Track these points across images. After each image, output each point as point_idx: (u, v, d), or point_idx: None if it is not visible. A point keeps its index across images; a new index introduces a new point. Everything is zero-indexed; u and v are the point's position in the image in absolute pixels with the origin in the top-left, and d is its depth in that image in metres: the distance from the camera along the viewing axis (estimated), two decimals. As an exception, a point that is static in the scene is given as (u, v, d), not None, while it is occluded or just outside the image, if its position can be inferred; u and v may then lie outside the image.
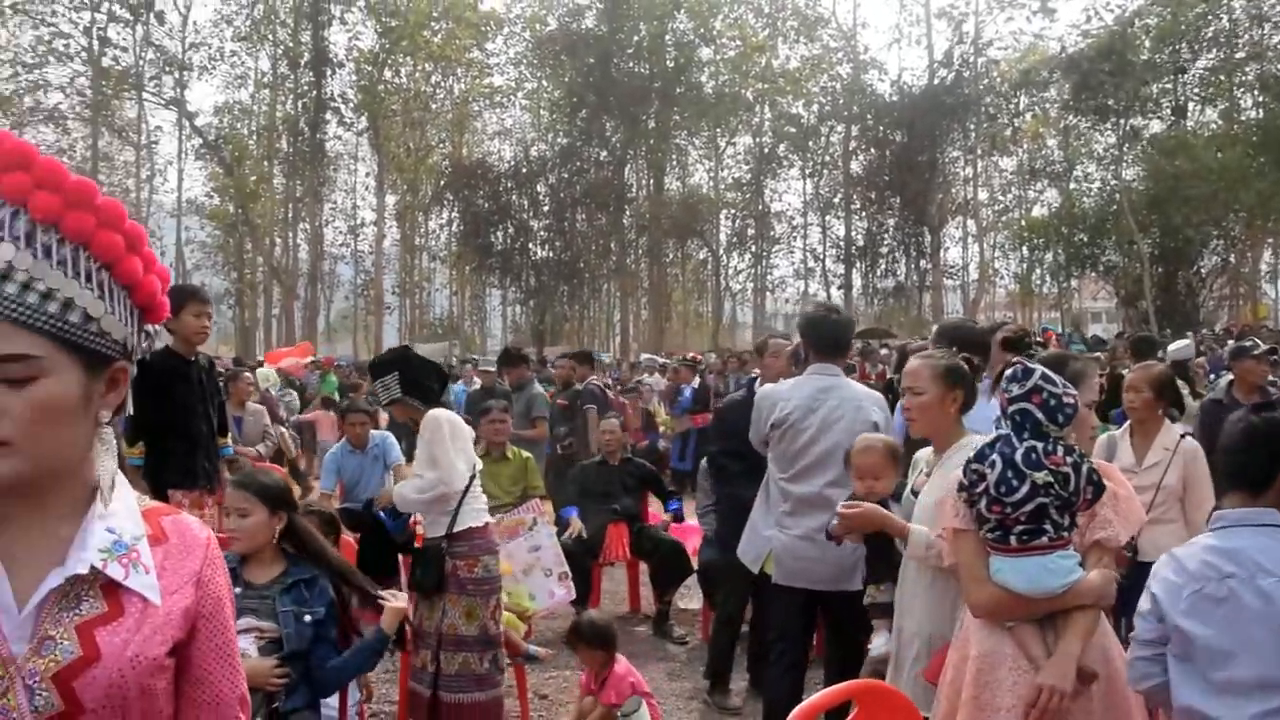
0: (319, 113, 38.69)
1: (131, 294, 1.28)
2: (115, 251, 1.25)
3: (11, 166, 1.20)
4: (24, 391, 1.19)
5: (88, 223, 1.22)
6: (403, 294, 45.12)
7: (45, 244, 1.20)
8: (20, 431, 1.19)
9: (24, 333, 1.18)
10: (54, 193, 1.21)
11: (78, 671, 1.20)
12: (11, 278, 1.18)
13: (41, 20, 36.97)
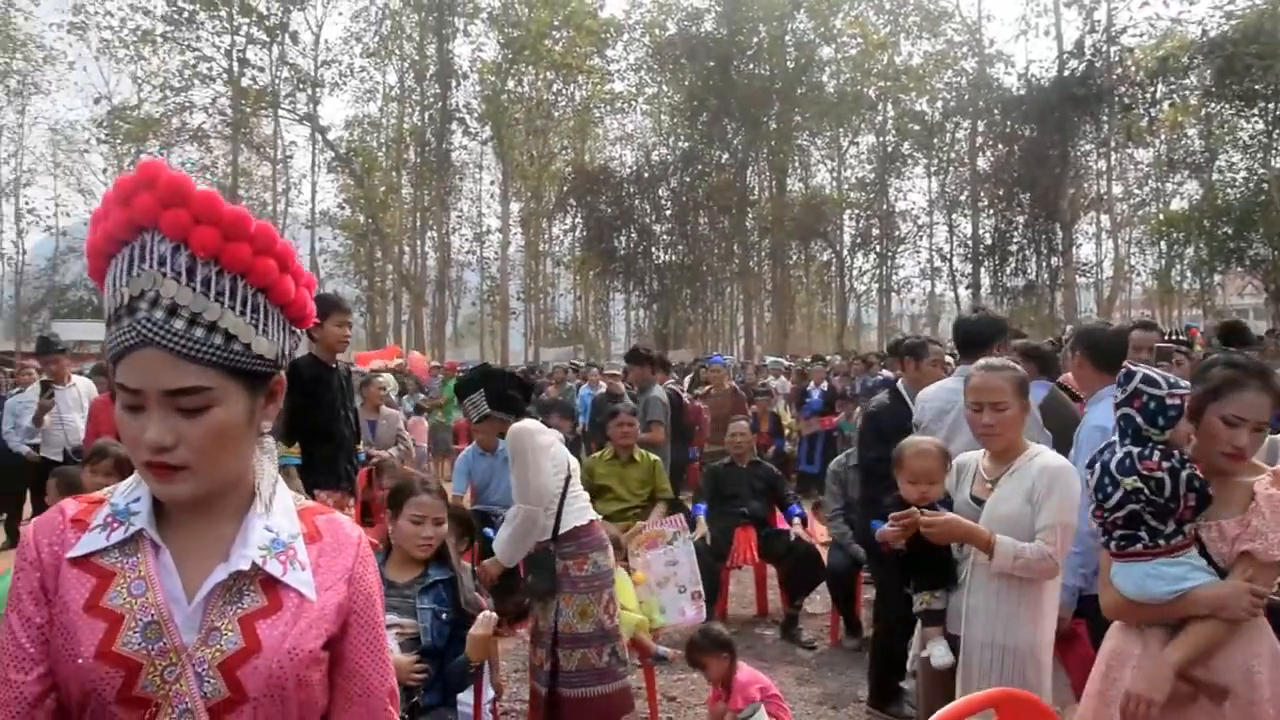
0: (445, 123, 39.57)
1: (285, 309, 1.34)
2: (270, 276, 1.30)
3: (171, 203, 1.25)
4: (199, 420, 1.26)
5: (244, 252, 1.27)
6: (527, 299, 45.79)
7: (205, 277, 1.26)
8: (197, 456, 1.27)
9: (194, 365, 1.25)
10: (212, 226, 1.25)
11: (241, 661, 1.27)
12: (178, 314, 1.24)
13: (187, 46, 38.86)
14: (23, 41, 39.50)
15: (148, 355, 1.24)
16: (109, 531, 1.32)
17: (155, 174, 1.26)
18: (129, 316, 1.25)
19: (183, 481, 1.28)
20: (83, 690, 1.26)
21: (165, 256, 1.25)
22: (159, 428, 1.25)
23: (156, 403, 1.25)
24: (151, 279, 1.25)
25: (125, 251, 1.27)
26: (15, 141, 41.68)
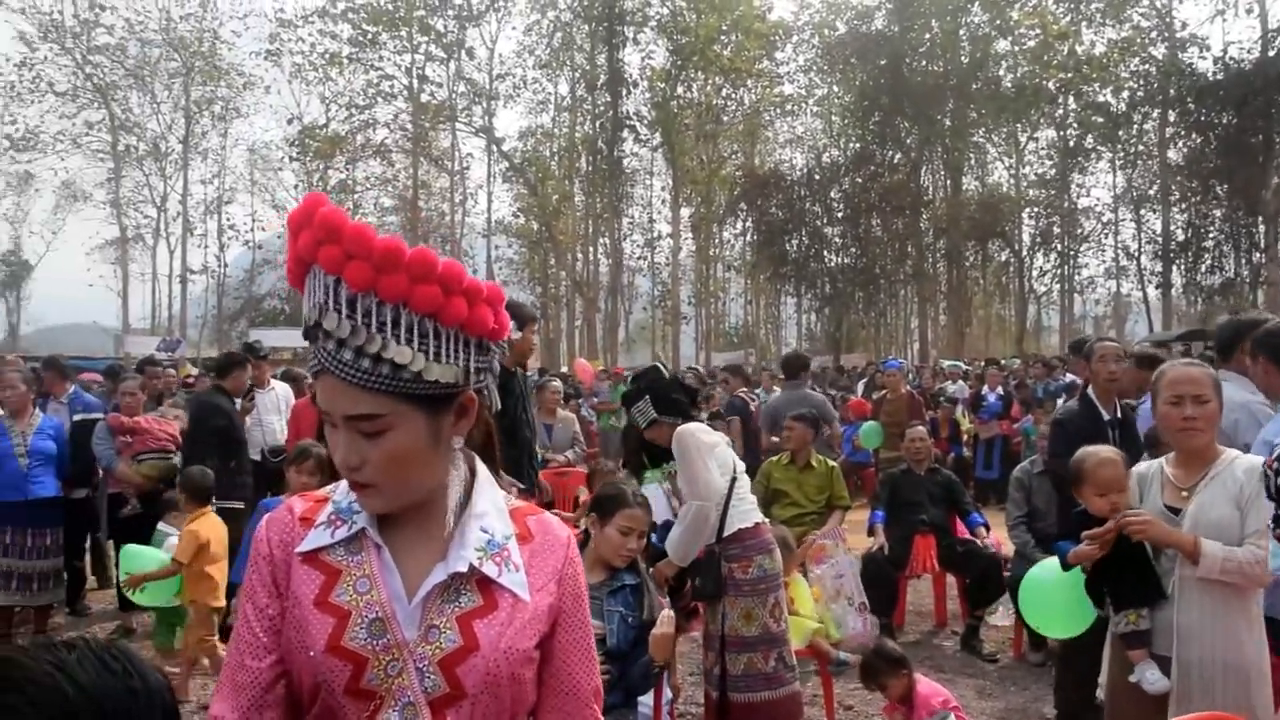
0: (616, 131, 40.12)
1: (464, 329, 1.36)
2: (434, 302, 1.31)
3: (325, 240, 1.29)
4: (378, 443, 1.33)
5: (400, 283, 1.29)
6: (698, 304, 45.93)
7: (366, 309, 1.29)
8: (381, 477, 1.34)
9: (366, 394, 1.30)
10: (364, 260, 1.28)
11: (460, 659, 1.33)
12: (346, 345, 1.30)
13: (371, 66, 40.78)
14: (226, 70, 42.12)
15: (328, 382, 1.32)
16: (333, 529, 1.40)
17: (313, 210, 1.31)
18: (313, 344, 1.34)
19: (373, 497, 1.36)
20: (314, 681, 1.34)
21: (330, 289, 1.30)
22: (345, 449, 1.33)
23: (342, 425, 1.33)
24: (319, 312, 1.31)
25: (308, 280, 1.35)
26: (218, 162, 44.47)
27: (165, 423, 7.58)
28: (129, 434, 7.28)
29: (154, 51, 41.66)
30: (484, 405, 1.46)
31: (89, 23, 40.35)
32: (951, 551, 6.74)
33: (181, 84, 42.01)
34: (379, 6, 40.37)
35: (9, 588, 6.48)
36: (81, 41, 40.40)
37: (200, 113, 42.74)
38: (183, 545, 5.51)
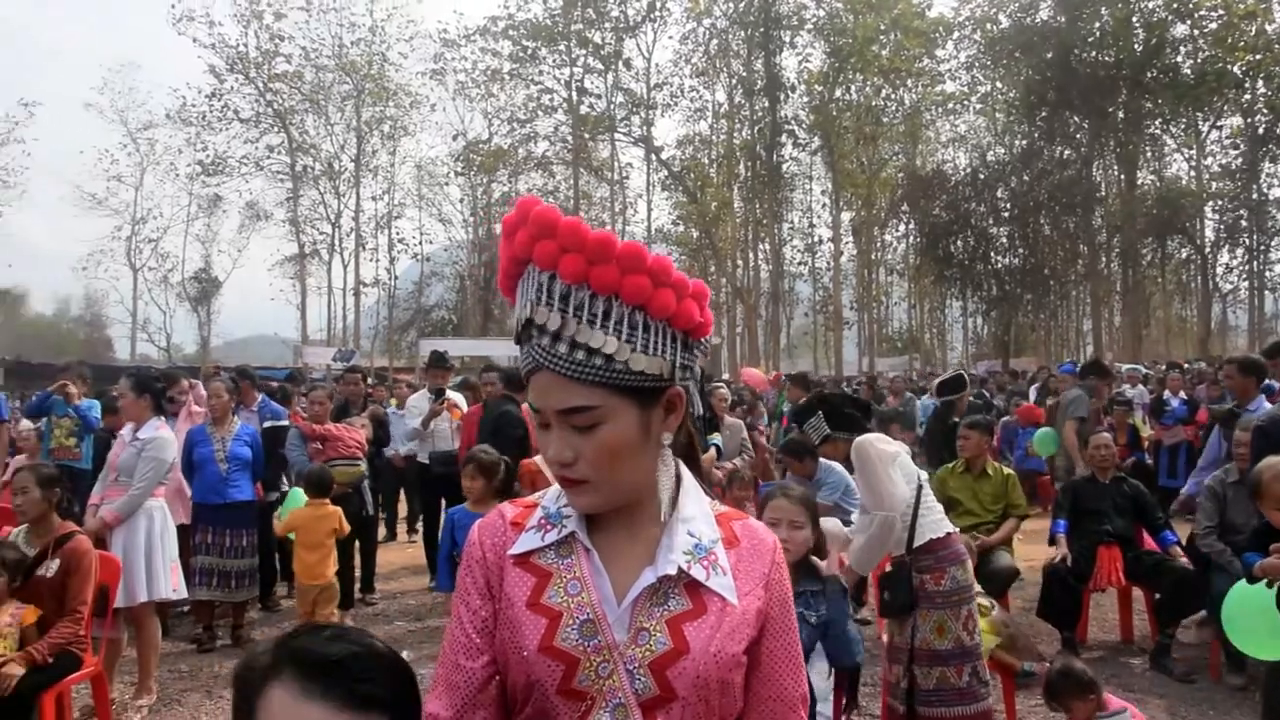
0: (774, 136, 39.96)
1: (671, 323, 1.37)
2: (643, 293, 1.33)
3: (541, 235, 1.33)
4: (591, 437, 1.34)
5: (611, 274, 1.32)
6: (861, 309, 45.28)
7: (578, 302, 1.32)
8: (594, 471, 1.35)
9: (581, 386, 1.32)
10: (578, 253, 1.31)
11: (670, 661, 1.33)
12: (561, 339, 1.32)
13: (531, 81, 41.78)
14: (394, 91, 43.85)
15: (542, 378, 1.34)
16: (544, 533, 1.43)
17: (527, 210, 1.35)
18: (526, 343, 1.36)
19: (585, 494, 1.37)
20: (527, 680, 1.36)
21: (543, 285, 1.34)
22: (558, 445, 1.35)
23: (555, 421, 1.35)
24: (530, 308, 1.34)
25: (521, 281, 1.38)
26: (388, 179, 46.28)
27: (354, 430, 7.91)
28: (320, 441, 7.63)
29: (328, 76, 43.82)
30: (688, 407, 1.46)
31: (269, 53, 42.77)
32: (1139, 563, 6.42)
33: (353, 106, 43.96)
34: (538, 22, 41.32)
35: (210, 584, 6.86)
36: (263, 71, 42.83)
37: (370, 132, 44.66)
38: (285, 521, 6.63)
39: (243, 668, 1.15)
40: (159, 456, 5.94)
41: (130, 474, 5.88)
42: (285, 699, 1.08)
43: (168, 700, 5.88)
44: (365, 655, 1.13)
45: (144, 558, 5.75)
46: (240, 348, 56.45)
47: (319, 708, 1.08)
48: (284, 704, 1.08)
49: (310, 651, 1.11)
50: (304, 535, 6.70)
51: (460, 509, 5.39)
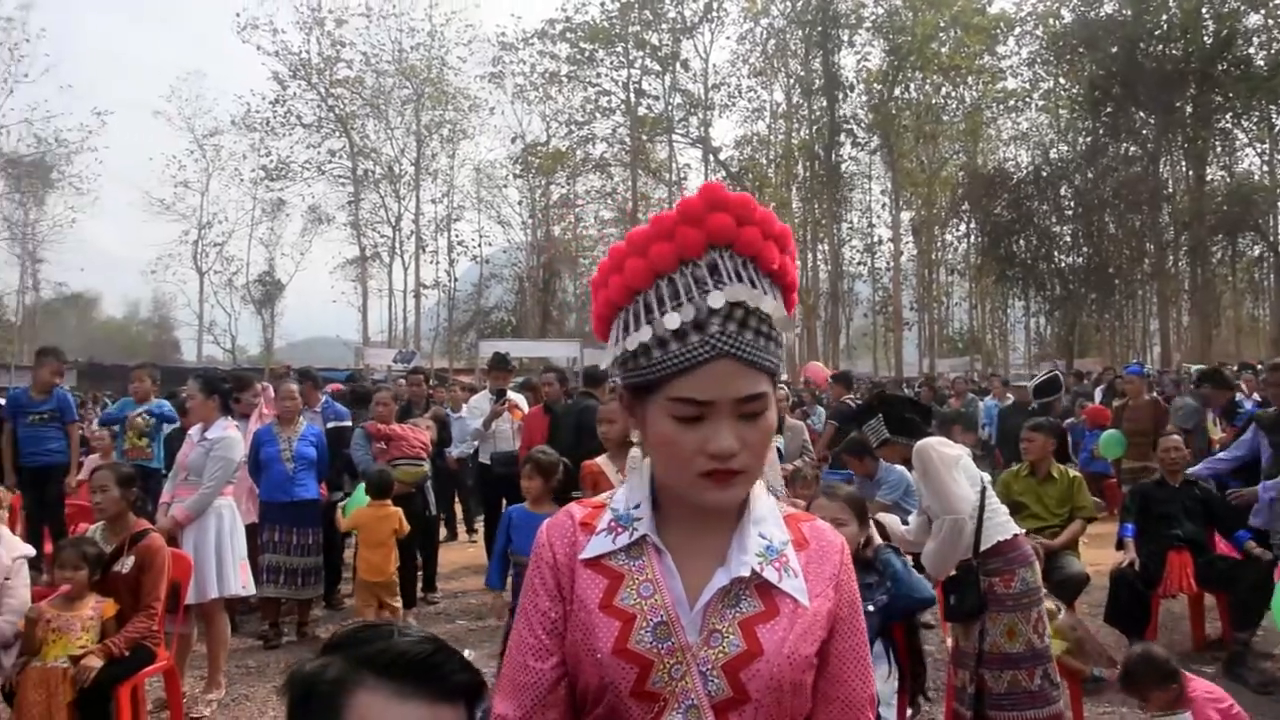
0: (833, 136, 39.75)
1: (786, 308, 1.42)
2: (791, 275, 1.40)
3: (745, 220, 1.35)
4: (756, 425, 1.34)
5: (791, 266, 1.38)
6: (921, 309, 44.82)
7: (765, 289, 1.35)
8: (753, 460, 1.35)
9: (758, 373, 1.33)
10: (773, 241, 1.36)
11: (743, 664, 1.33)
12: (748, 325, 1.32)
13: (589, 83, 41.95)
14: (453, 95, 44.27)
15: (721, 367, 1.30)
16: (614, 535, 1.43)
17: (724, 195, 1.36)
18: (699, 333, 1.31)
19: (739, 485, 1.35)
20: (600, 682, 1.36)
21: (738, 271, 1.34)
22: (730, 435, 1.31)
23: (726, 412, 1.32)
24: (735, 292, 1.32)
25: (686, 270, 1.35)
26: (447, 182, 46.72)
27: (419, 431, 8.00)
28: (386, 441, 7.73)
29: (388, 81, 44.38)
30: None
31: (331, 59, 43.44)
32: (1211, 569, 6.27)
33: (413, 110, 44.45)
34: (595, 25, 41.47)
35: (277, 581, 6.99)
36: (325, 77, 43.53)
37: (430, 136, 45.12)
38: (350, 518, 6.88)
39: (307, 683, 1.12)
40: (227, 456, 6.05)
41: (199, 473, 6.00)
42: (378, 704, 1.08)
43: (236, 695, 5.99)
44: (443, 648, 1.14)
45: (214, 555, 5.87)
46: (303, 349, 57.29)
47: (416, 706, 1.09)
48: (379, 709, 1.08)
49: (394, 653, 1.11)
50: (366, 534, 6.83)
51: (518, 508, 5.42)
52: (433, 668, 1.11)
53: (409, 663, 1.10)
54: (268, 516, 7.04)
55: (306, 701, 1.12)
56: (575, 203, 46.34)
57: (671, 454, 1.35)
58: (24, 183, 44.73)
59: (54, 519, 8.02)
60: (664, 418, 1.34)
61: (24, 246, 45.99)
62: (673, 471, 1.37)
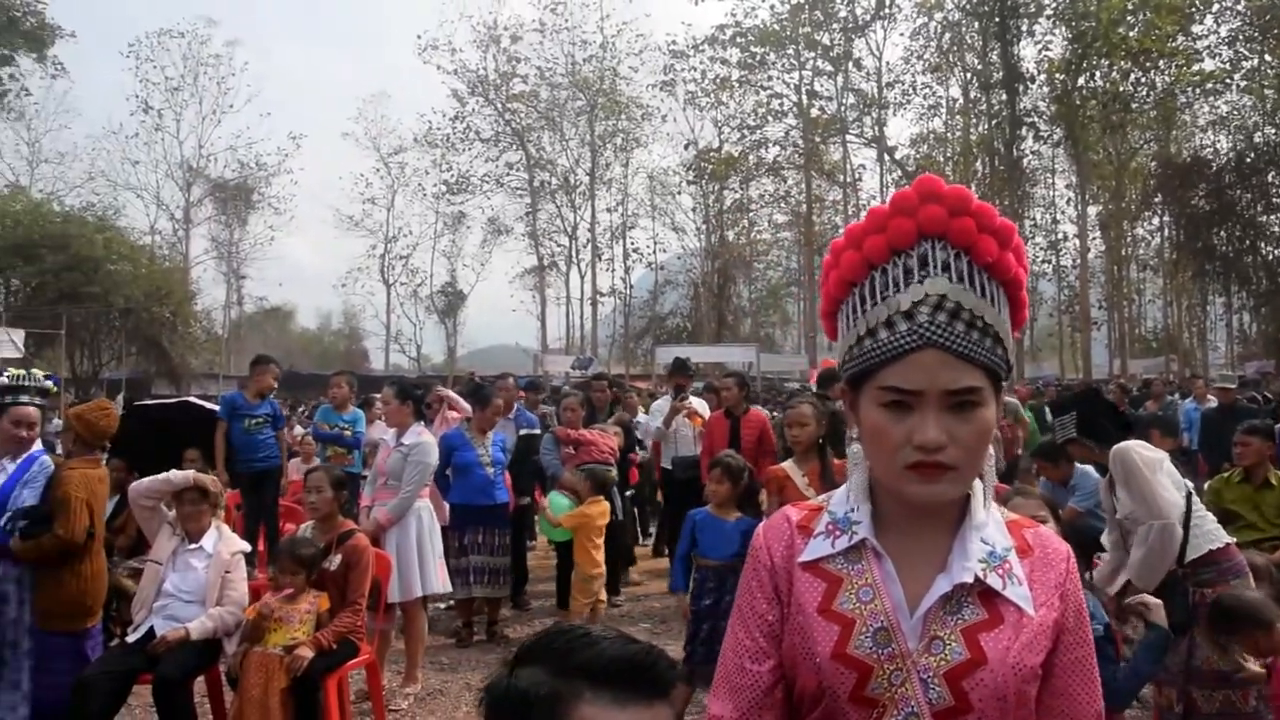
0: (1014, 130, 38.35)
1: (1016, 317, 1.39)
2: (1014, 272, 1.38)
3: (959, 212, 1.34)
4: (968, 420, 1.32)
5: (1010, 261, 1.35)
6: (1110, 308, 42.78)
7: (981, 283, 1.34)
8: (964, 456, 1.32)
9: (970, 366, 1.31)
10: (991, 235, 1.35)
11: (966, 672, 1.30)
12: (959, 316, 1.32)
13: (760, 86, 41.78)
14: (625, 104, 44.89)
15: (928, 357, 1.30)
16: (832, 539, 1.42)
17: (938, 187, 1.36)
18: (907, 321, 1.32)
19: (948, 482, 1.32)
20: (817, 686, 1.36)
21: (948, 263, 1.34)
22: (936, 427, 1.30)
23: (934, 403, 1.31)
24: (936, 284, 1.33)
25: (899, 261, 1.36)
26: (621, 191, 47.38)
27: (607, 436, 8.14)
28: (574, 445, 7.89)
29: (562, 94, 45.34)
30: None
31: (507, 75, 44.74)
32: None
33: (586, 121, 45.25)
34: (766, 28, 41.28)
35: (482, 581, 7.21)
36: (501, 92, 44.87)
37: (604, 146, 45.81)
38: (573, 516, 6.99)
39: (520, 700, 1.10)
40: (424, 460, 6.30)
41: (397, 477, 6.26)
42: (601, 714, 1.09)
43: (430, 690, 6.22)
44: (648, 646, 1.14)
45: (416, 555, 6.11)
46: (483, 357, 58.96)
47: (636, 710, 1.09)
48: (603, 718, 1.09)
49: (605, 659, 1.11)
50: (584, 530, 7.04)
51: (702, 512, 5.44)
52: (645, 668, 1.11)
53: (622, 667, 1.10)
54: (469, 519, 7.23)
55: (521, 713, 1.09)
56: (749, 207, 46.29)
57: (880, 444, 1.35)
58: (229, 205, 47.78)
59: (269, 520, 8.50)
60: (874, 407, 1.35)
61: (229, 264, 49.14)
62: (881, 462, 1.36)
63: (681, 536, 5.55)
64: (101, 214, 34.10)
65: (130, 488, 5.36)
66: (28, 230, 28.01)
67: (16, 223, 28.45)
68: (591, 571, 7.02)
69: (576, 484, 7.27)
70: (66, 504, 4.63)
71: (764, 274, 49.90)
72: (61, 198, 38.13)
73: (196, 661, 4.79)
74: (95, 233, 29.37)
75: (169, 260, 40.67)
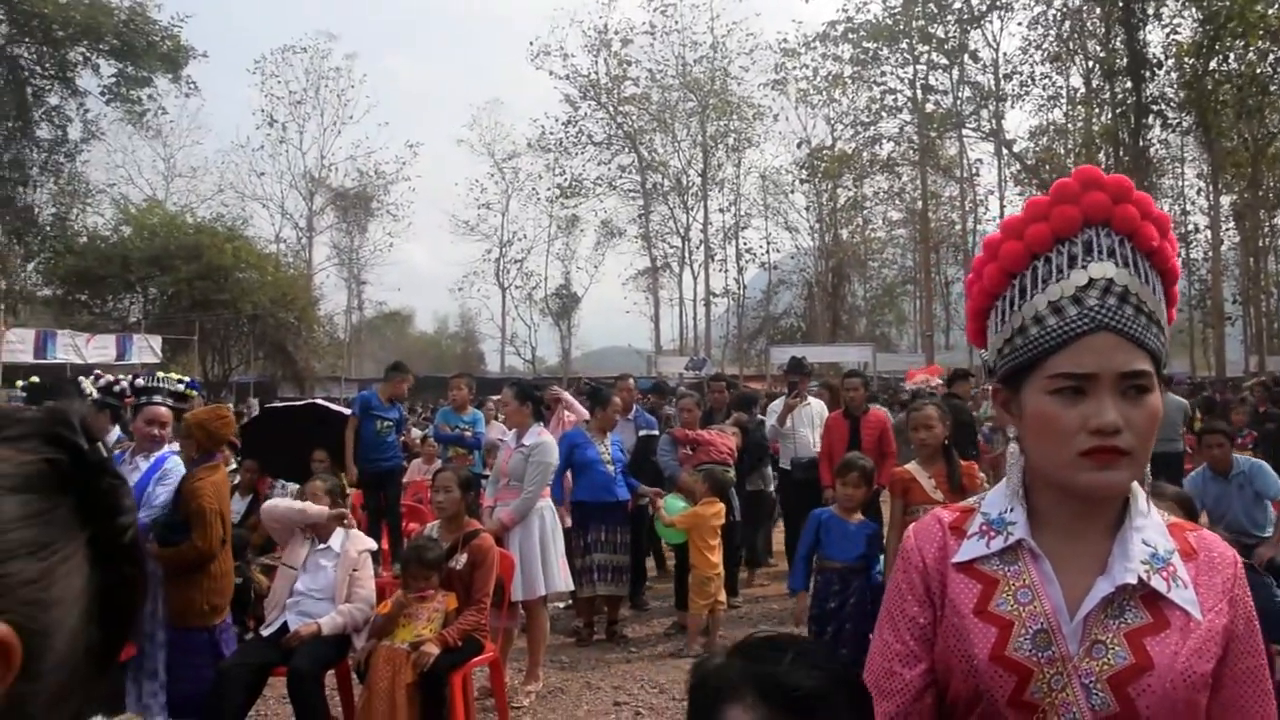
0: (1139, 119, 37.02)
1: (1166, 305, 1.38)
2: (1171, 261, 1.37)
3: (1121, 199, 1.34)
4: (1141, 404, 1.29)
5: (1169, 250, 1.35)
6: (1245, 302, 41.00)
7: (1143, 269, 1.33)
8: (1139, 442, 1.29)
9: (1139, 350, 1.30)
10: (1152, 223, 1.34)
11: (1131, 678, 1.26)
12: (1128, 300, 1.31)
13: (873, 83, 41.22)
14: (736, 104, 44.81)
15: (1101, 340, 1.29)
16: (987, 539, 1.39)
17: (1099, 175, 1.36)
18: (1076, 306, 1.31)
19: (1121, 469, 1.29)
20: (973, 690, 1.33)
21: (1113, 248, 1.33)
22: (1112, 411, 1.28)
23: (1108, 386, 1.29)
24: (1104, 268, 1.32)
25: (1062, 249, 1.35)
26: (733, 191, 47.34)
27: (725, 436, 8.13)
28: (692, 446, 7.90)
29: (673, 95, 45.49)
30: None
31: (618, 78, 45.11)
32: None
33: (698, 122, 45.36)
34: (878, 22, 40.70)
35: (605, 579, 7.27)
36: (613, 96, 45.22)
37: (716, 146, 45.86)
38: (685, 516, 7.08)
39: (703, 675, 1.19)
40: (545, 460, 6.38)
41: (519, 478, 6.34)
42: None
43: (551, 688, 6.27)
44: (830, 689, 1.14)
45: (538, 553, 6.19)
46: (597, 358, 59.47)
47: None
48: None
49: (778, 683, 1.12)
50: (698, 531, 7.07)
51: (828, 512, 5.40)
52: (808, 710, 1.12)
53: (787, 695, 1.12)
54: (591, 517, 7.28)
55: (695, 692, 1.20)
56: (863, 205, 45.72)
57: (1051, 433, 1.31)
58: (349, 213, 49.19)
59: (392, 519, 8.71)
60: (1042, 396, 1.32)
61: (350, 270, 50.58)
62: (1051, 452, 1.32)
63: (803, 537, 5.50)
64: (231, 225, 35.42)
65: (264, 509, 5.61)
66: (164, 242, 29.27)
67: (154, 235, 29.77)
68: (708, 573, 7.02)
69: (693, 484, 7.27)
70: (203, 516, 4.82)
71: (879, 272, 49.27)
72: (194, 210, 39.85)
73: (328, 655, 4.95)
74: (225, 243, 30.54)
75: (293, 268, 42.02)
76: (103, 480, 0.70)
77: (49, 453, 0.67)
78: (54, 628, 0.65)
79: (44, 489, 0.65)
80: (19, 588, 0.63)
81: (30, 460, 0.66)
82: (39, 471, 0.66)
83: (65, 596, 0.66)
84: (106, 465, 0.70)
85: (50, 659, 0.65)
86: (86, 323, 27.49)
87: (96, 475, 0.69)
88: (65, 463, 0.67)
